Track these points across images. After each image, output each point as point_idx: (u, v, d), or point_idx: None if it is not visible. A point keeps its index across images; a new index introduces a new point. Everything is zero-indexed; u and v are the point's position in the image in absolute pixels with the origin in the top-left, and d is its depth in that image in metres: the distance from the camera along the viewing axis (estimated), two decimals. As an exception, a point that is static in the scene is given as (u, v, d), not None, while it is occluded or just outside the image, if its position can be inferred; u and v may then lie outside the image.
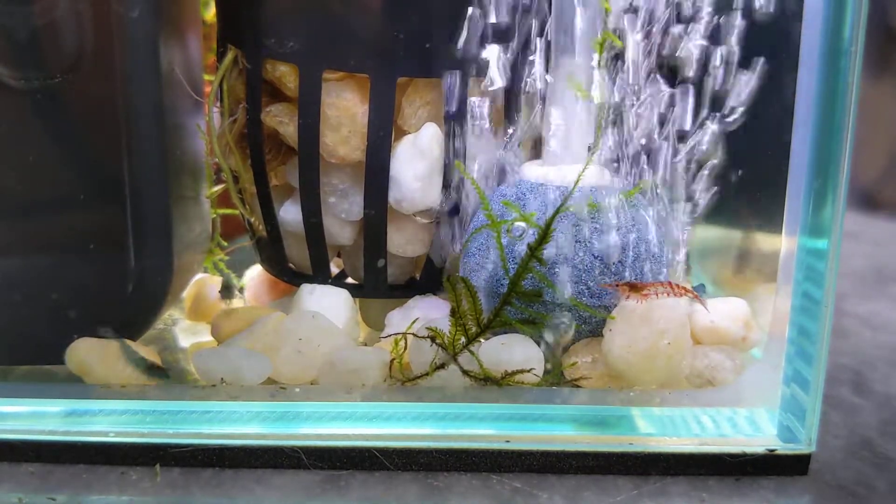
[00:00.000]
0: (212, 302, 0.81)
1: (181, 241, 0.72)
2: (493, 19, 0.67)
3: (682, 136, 0.70)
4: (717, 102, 0.70)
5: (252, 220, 0.77)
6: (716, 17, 0.67)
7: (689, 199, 0.72)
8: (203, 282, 0.82)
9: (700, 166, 0.71)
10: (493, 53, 0.66)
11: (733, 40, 0.68)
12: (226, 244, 0.83)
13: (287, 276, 0.78)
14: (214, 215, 0.81)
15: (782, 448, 0.63)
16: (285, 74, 0.69)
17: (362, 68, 0.68)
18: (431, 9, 0.66)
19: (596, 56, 0.65)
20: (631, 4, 0.67)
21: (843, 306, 1.02)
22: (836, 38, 0.58)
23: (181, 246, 0.72)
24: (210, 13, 0.89)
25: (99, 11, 0.65)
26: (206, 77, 0.82)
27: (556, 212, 0.65)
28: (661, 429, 0.65)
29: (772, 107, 0.68)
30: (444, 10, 0.66)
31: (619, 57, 0.67)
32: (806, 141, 0.60)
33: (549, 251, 0.66)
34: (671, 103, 0.69)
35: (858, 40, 0.58)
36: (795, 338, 0.64)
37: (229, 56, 0.72)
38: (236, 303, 0.83)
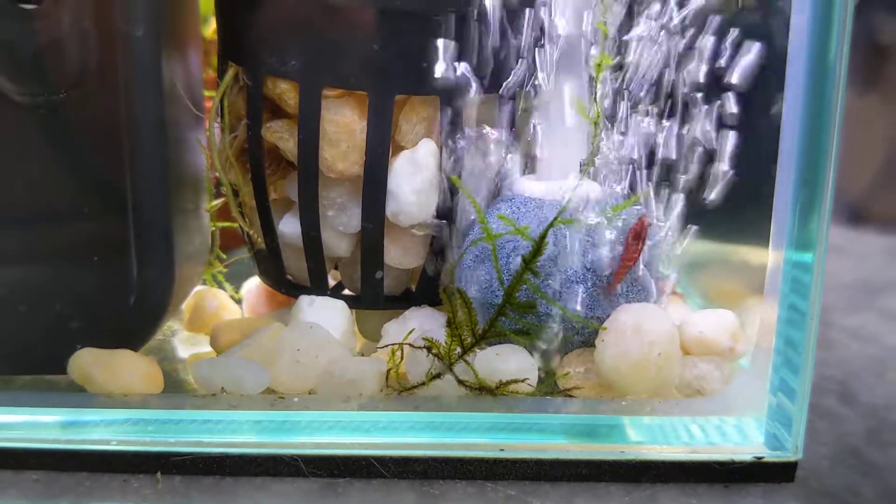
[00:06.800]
0: (211, 313, 0.82)
1: (182, 254, 0.73)
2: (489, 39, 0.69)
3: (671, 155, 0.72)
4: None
5: (251, 232, 0.78)
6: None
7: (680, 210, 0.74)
8: (202, 293, 0.84)
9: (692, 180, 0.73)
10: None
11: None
12: (224, 256, 0.85)
13: (285, 288, 0.80)
14: (214, 228, 0.83)
15: (769, 455, 0.65)
16: (286, 91, 0.71)
17: (361, 86, 0.69)
18: (428, 28, 0.67)
19: (593, 76, 0.67)
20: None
21: (830, 318, 1.04)
22: (821, 57, 0.60)
23: (182, 258, 0.73)
24: (209, 30, 0.91)
25: (103, 29, 0.66)
26: (206, 93, 0.83)
27: (550, 225, 0.67)
28: (651, 437, 0.66)
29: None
30: (441, 29, 0.68)
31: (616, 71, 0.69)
32: (793, 156, 0.62)
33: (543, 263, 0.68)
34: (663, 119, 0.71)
35: (843, 59, 0.59)
36: (782, 348, 0.65)
37: (230, 73, 0.73)
38: (235, 314, 0.84)
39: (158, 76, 0.69)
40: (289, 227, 0.76)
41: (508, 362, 0.67)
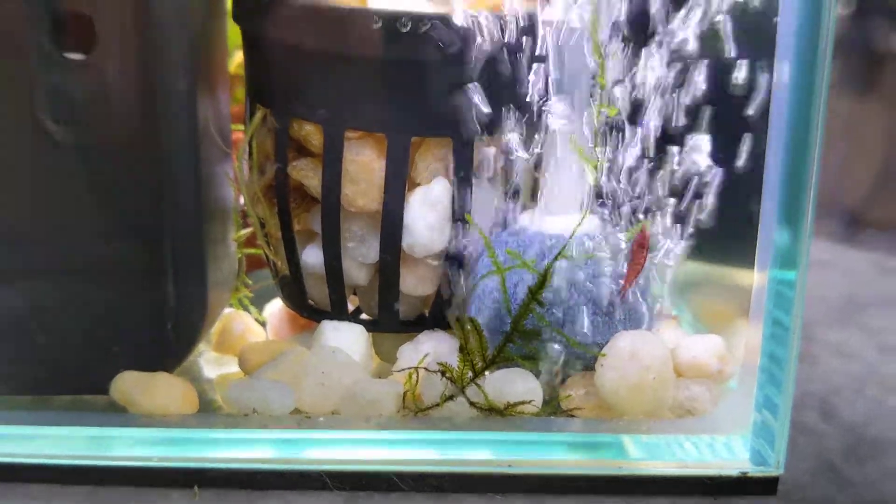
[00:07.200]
0: (237, 335, 0.88)
1: (213, 282, 0.79)
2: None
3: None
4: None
5: (276, 261, 0.84)
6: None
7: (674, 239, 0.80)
8: (229, 317, 0.89)
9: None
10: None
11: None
12: (250, 282, 0.90)
13: (307, 313, 0.85)
14: (240, 255, 0.89)
15: (753, 471, 0.71)
16: (310, 133, 0.77)
17: (380, 129, 0.75)
18: (443, 77, 0.73)
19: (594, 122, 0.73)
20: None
21: (815, 335, 1.10)
22: (804, 81, 0.65)
23: (213, 286, 0.79)
24: (234, 64, 0.97)
25: (144, 78, 0.72)
26: (233, 126, 0.89)
27: (555, 258, 0.73)
28: (646, 454, 0.72)
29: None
30: (454, 78, 0.73)
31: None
32: (776, 180, 0.67)
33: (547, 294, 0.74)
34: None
35: (825, 81, 0.64)
36: (766, 366, 0.71)
37: (258, 115, 0.79)
38: (260, 336, 0.90)
39: (193, 119, 0.74)
40: (311, 257, 0.82)
41: (515, 385, 0.74)
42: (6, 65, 0.71)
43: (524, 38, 0.73)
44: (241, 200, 0.85)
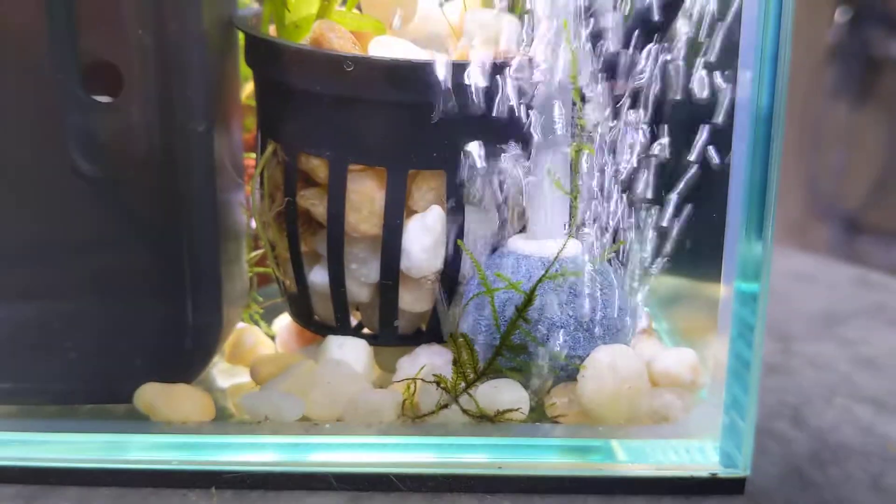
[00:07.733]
0: (249, 348, 0.95)
1: (227, 299, 0.86)
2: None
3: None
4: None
5: (285, 280, 0.91)
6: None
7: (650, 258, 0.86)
8: (241, 331, 0.96)
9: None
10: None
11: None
12: (261, 299, 0.98)
13: (313, 327, 0.93)
14: (251, 274, 0.96)
15: (722, 472, 0.77)
16: (317, 166, 0.84)
17: (380, 163, 0.83)
18: (436, 116, 0.80)
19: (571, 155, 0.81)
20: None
21: (793, 347, 1.16)
22: (758, 109, 0.70)
23: (227, 304, 0.86)
24: (244, 94, 1.04)
25: (166, 119, 0.79)
26: (245, 154, 0.96)
27: (539, 280, 0.80)
28: (624, 457, 0.78)
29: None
30: (446, 119, 0.80)
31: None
32: (739, 198, 0.72)
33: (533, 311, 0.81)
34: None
35: (780, 108, 0.69)
36: (734, 366, 0.75)
37: (269, 149, 0.87)
38: (270, 348, 0.97)
39: (211, 154, 0.81)
40: (318, 276, 0.89)
41: (504, 394, 0.80)
42: (45, 109, 0.78)
43: (512, 83, 0.80)
44: (253, 224, 0.93)
